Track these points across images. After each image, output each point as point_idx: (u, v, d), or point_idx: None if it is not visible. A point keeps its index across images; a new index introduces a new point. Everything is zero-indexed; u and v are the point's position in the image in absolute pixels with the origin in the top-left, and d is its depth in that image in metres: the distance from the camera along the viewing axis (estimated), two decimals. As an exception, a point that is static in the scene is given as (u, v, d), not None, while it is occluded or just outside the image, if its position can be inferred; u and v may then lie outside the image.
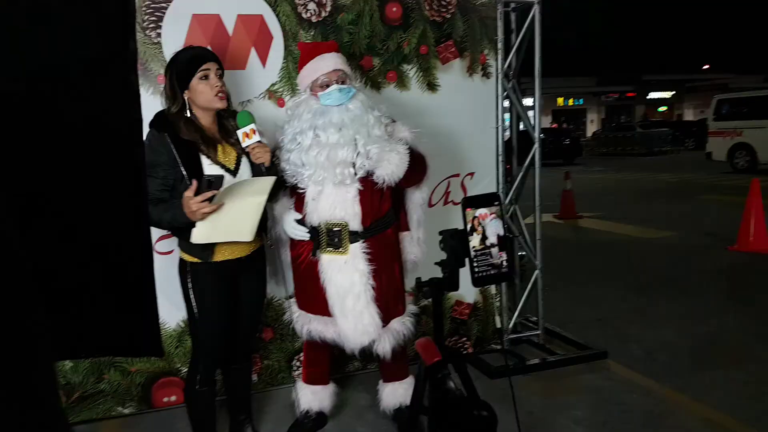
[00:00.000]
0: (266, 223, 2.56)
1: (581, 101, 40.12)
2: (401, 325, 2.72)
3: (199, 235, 2.30)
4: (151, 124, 2.37)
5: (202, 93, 2.38)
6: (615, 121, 36.57)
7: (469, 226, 1.59)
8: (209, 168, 2.37)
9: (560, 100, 39.27)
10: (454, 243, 1.61)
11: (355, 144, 2.50)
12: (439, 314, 1.77)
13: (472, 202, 1.63)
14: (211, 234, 2.31)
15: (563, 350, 3.92)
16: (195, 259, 2.43)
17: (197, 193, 2.21)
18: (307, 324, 2.73)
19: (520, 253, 4.19)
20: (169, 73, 2.41)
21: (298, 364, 3.35)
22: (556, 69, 27.37)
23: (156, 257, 2.91)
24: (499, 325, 2.06)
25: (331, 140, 2.49)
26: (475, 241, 1.59)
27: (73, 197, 0.84)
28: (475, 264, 1.59)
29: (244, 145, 2.40)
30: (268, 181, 2.36)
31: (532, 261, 3.97)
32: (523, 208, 4.07)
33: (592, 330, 4.26)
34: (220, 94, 2.39)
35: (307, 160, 2.51)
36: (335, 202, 2.54)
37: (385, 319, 2.66)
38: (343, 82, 2.58)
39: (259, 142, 2.40)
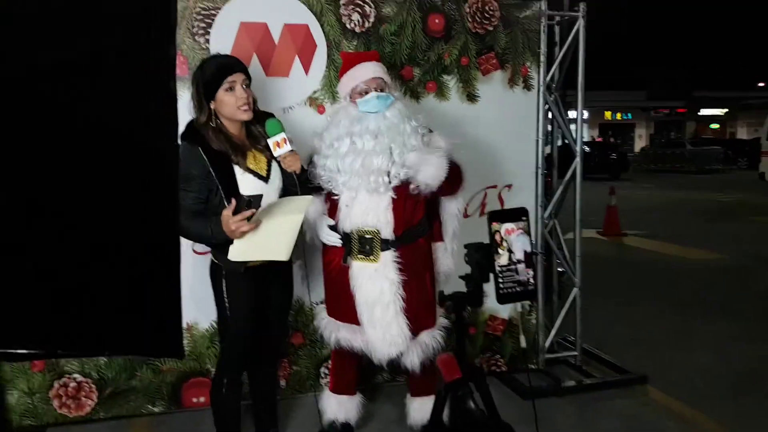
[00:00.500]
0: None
1: (629, 116, 39.26)
2: (431, 338, 2.68)
3: (237, 252, 2.32)
4: (183, 137, 2.36)
5: (228, 105, 2.37)
6: (664, 136, 35.64)
7: (495, 240, 1.56)
8: (242, 177, 2.38)
9: (608, 114, 38.52)
10: (479, 257, 1.58)
11: (390, 152, 2.49)
12: (461, 330, 1.74)
13: (499, 217, 1.59)
14: (249, 251, 2.33)
15: (601, 373, 3.81)
16: (226, 264, 2.45)
17: (236, 212, 2.23)
18: (335, 332, 2.71)
19: (559, 269, 4.12)
20: (195, 82, 2.40)
21: (326, 371, 3.35)
22: (604, 82, 26.88)
23: (193, 257, 3.00)
24: (523, 345, 2.01)
25: (366, 147, 2.50)
26: (501, 257, 1.56)
27: (109, 198, 0.86)
28: (500, 280, 1.56)
29: (276, 154, 2.41)
30: (305, 201, 2.38)
31: (571, 278, 3.89)
32: (564, 222, 3.99)
33: (631, 352, 4.13)
34: (244, 107, 2.38)
35: (342, 167, 2.52)
36: (368, 209, 2.54)
37: (415, 331, 2.63)
38: (381, 90, 2.59)
39: (291, 151, 2.41)
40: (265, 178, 2.45)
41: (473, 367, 1.77)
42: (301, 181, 2.48)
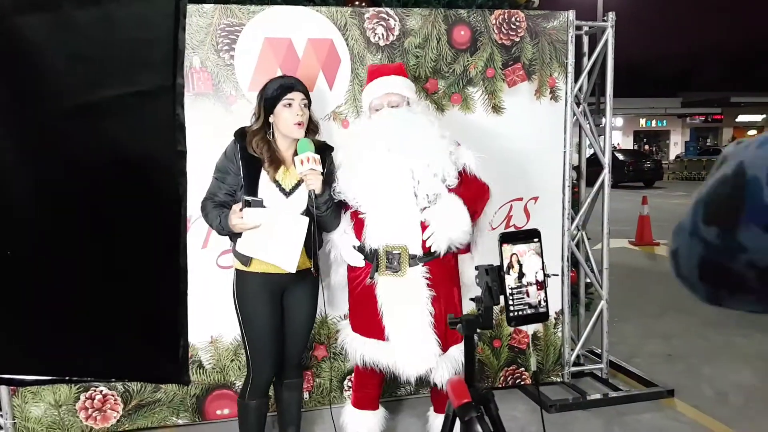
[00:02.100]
0: (314, 248, 2.60)
1: (664, 123, 38.51)
2: (460, 352, 2.61)
3: (242, 245, 2.49)
4: (234, 135, 2.60)
5: (284, 120, 2.53)
6: (700, 144, 34.85)
7: (506, 263, 1.54)
8: (264, 185, 2.52)
9: (642, 122, 37.85)
10: (489, 279, 1.56)
11: (411, 170, 2.47)
12: (470, 353, 1.72)
13: (510, 238, 1.58)
14: (252, 249, 2.48)
15: (628, 386, 3.75)
16: (239, 265, 2.57)
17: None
18: (360, 348, 2.66)
19: (586, 281, 4.06)
20: (259, 96, 2.59)
21: (349, 384, 3.36)
22: (637, 89, 26.45)
23: (217, 271, 3.04)
24: (533, 368, 1.98)
25: (382, 163, 2.49)
26: (511, 278, 1.54)
27: (114, 223, 0.88)
28: (510, 303, 1.54)
29: (298, 171, 2.48)
30: (302, 222, 2.47)
31: (598, 290, 3.83)
32: (593, 233, 3.93)
33: (661, 366, 4.05)
34: (298, 124, 2.52)
35: (364, 183, 2.52)
36: (395, 225, 2.51)
37: (444, 347, 2.59)
38: (396, 106, 2.58)
39: (312, 169, 2.46)
40: (287, 193, 2.54)
41: (483, 392, 1.74)
42: (317, 204, 2.51)
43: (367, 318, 2.63)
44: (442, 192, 2.51)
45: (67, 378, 0.98)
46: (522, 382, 3.69)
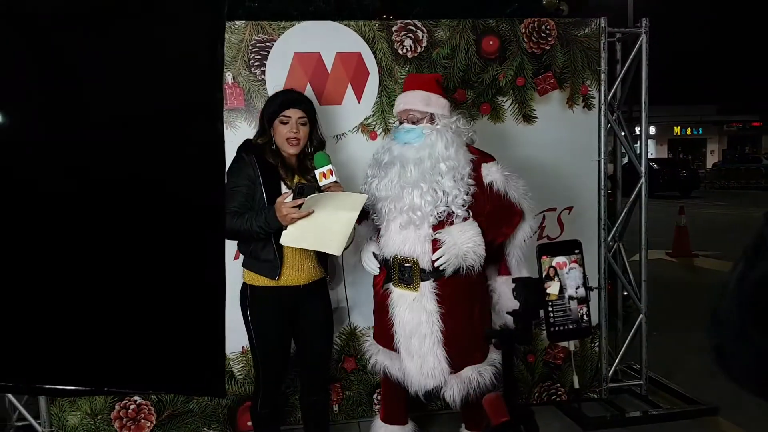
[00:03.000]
0: (326, 258, 2.65)
1: (700, 131, 37.70)
2: (475, 373, 2.57)
3: (289, 237, 2.41)
4: (240, 149, 2.60)
5: (279, 135, 2.56)
6: (738, 152, 34.00)
7: (545, 275, 1.49)
8: (286, 191, 2.52)
9: (677, 130, 37.13)
10: (527, 294, 1.51)
11: (421, 188, 2.46)
12: (509, 368, 1.66)
13: (549, 250, 1.52)
14: (300, 238, 2.41)
15: (668, 403, 3.62)
16: (256, 281, 2.54)
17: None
18: (375, 355, 2.72)
19: (624, 294, 3.95)
20: (262, 108, 2.67)
21: (379, 397, 3.31)
22: (673, 96, 25.95)
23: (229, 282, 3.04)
24: (577, 386, 1.92)
25: (395, 179, 2.51)
26: (552, 291, 1.49)
27: (151, 235, 0.87)
28: (551, 317, 1.48)
29: (321, 184, 2.47)
30: (360, 199, 2.44)
31: (636, 304, 3.72)
32: (630, 244, 3.83)
33: (703, 382, 3.89)
34: (293, 141, 2.53)
35: (379, 195, 2.56)
36: (406, 239, 2.52)
37: (458, 365, 2.55)
38: (415, 122, 2.56)
39: (335, 182, 2.47)
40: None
41: (522, 409, 1.69)
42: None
43: (382, 327, 2.66)
44: (457, 212, 2.48)
45: (105, 389, 0.97)
46: (557, 398, 3.60)
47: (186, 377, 0.91)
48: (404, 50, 3.24)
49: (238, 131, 3.10)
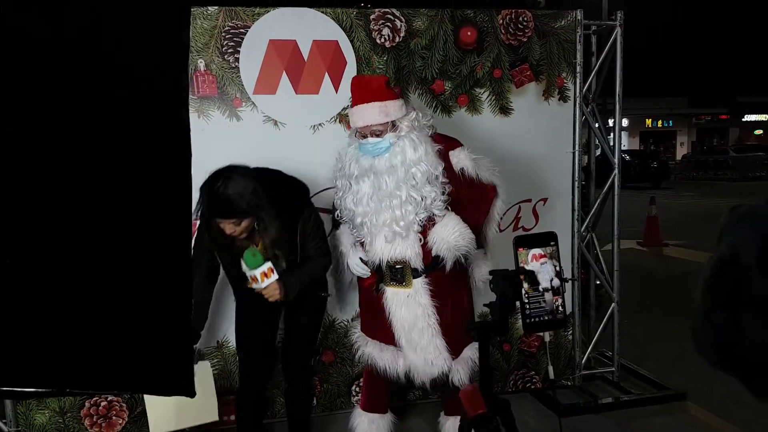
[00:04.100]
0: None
1: (671, 123, 38.33)
2: (474, 351, 2.64)
3: (156, 426, 2.42)
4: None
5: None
6: (707, 144, 34.69)
7: (521, 267, 1.50)
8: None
9: (648, 122, 37.69)
10: (504, 285, 1.52)
11: (400, 198, 2.46)
12: (486, 361, 1.68)
13: (526, 242, 1.53)
14: (170, 423, 2.43)
15: (639, 389, 3.69)
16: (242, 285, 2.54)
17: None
18: (363, 346, 2.75)
19: (596, 283, 4.02)
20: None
21: (357, 389, 3.32)
22: (644, 89, 26.30)
23: (223, 275, 3.01)
24: (552, 377, 1.94)
25: (369, 192, 2.50)
26: (527, 283, 1.50)
27: (117, 231, 0.85)
28: (526, 309, 1.50)
29: (262, 286, 2.39)
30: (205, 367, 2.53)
31: (609, 293, 3.78)
32: (602, 234, 3.89)
33: (673, 368, 3.98)
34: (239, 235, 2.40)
35: (357, 210, 2.54)
36: (395, 244, 2.54)
37: (458, 349, 2.64)
38: (379, 134, 2.52)
39: (267, 286, 2.39)
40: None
41: (499, 400, 1.71)
42: (289, 303, 2.52)
43: (374, 321, 2.69)
44: (437, 213, 2.51)
45: (67, 390, 0.95)
46: (532, 386, 3.65)
47: (152, 377, 0.89)
48: (382, 39, 3.22)
49: (210, 120, 3.05)
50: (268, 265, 2.38)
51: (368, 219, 2.51)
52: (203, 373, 2.48)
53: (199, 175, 2.48)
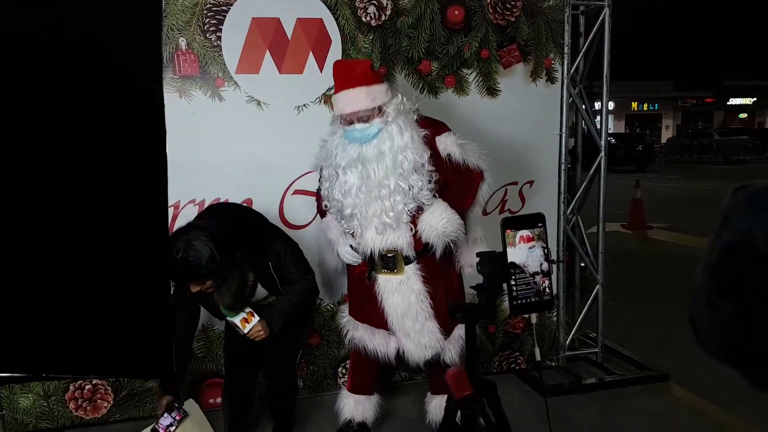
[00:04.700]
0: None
1: (656, 106, 38.52)
2: (463, 331, 2.67)
3: None
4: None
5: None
6: (692, 127, 34.94)
7: (509, 249, 1.48)
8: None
9: (634, 105, 37.84)
10: (491, 267, 1.50)
11: (389, 187, 2.43)
12: (472, 343, 1.67)
13: (513, 224, 1.51)
14: None
15: (623, 370, 3.73)
16: None
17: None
18: (353, 330, 2.74)
19: (581, 265, 4.03)
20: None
21: (343, 371, 3.32)
22: (630, 72, 26.35)
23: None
24: (538, 359, 1.94)
25: (357, 182, 2.46)
26: (515, 265, 1.48)
27: (96, 218, 0.82)
28: (514, 291, 1.49)
29: (245, 331, 2.42)
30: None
31: (593, 275, 3.80)
32: (588, 216, 3.89)
33: (656, 350, 4.03)
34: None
35: (346, 202, 2.51)
36: (386, 235, 2.51)
37: (449, 330, 2.65)
38: (366, 120, 2.46)
39: (251, 329, 2.42)
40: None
41: (485, 382, 1.70)
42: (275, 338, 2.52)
43: (364, 306, 2.68)
44: (425, 200, 2.49)
45: (43, 375, 0.92)
46: (517, 367, 3.67)
47: (132, 361, 0.87)
48: (368, 18, 3.16)
49: (192, 100, 2.99)
50: (247, 310, 2.42)
51: (358, 211, 2.49)
52: (192, 409, 2.51)
53: (179, 154, 2.43)
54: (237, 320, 2.41)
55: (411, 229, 2.51)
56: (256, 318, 2.42)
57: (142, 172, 0.87)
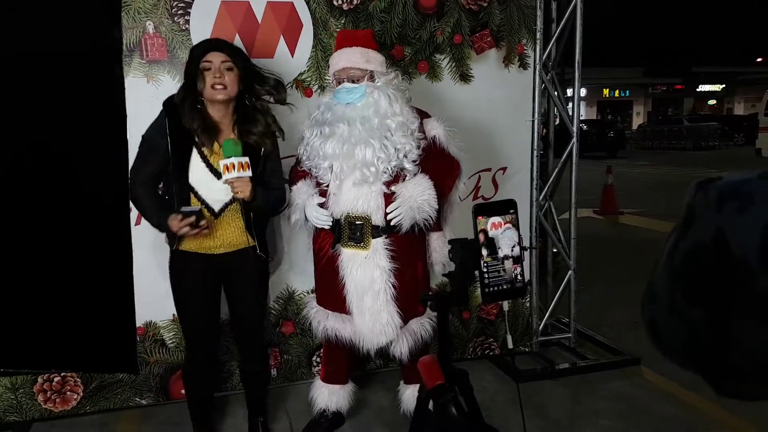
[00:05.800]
0: (252, 226, 2.48)
1: (627, 93, 38.97)
2: (419, 326, 2.65)
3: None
4: (164, 105, 2.40)
5: (204, 82, 2.37)
6: (662, 113, 35.45)
7: (481, 236, 1.47)
8: (195, 166, 2.36)
9: (606, 92, 38.22)
10: (464, 254, 1.49)
11: (373, 146, 2.40)
12: (445, 331, 1.66)
13: (485, 210, 1.50)
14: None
15: (595, 354, 3.78)
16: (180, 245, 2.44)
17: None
18: (324, 321, 2.67)
19: (553, 251, 4.06)
20: (186, 61, 2.45)
21: (318, 360, 3.30)
22: (601, 59, 26.56)
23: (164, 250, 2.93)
24: (510, 346, 1.94)
25: (344, 134, 2.43)
26: (486, 252, 1.47)
27: (57, 202, 0.78)
28: (485, 278, 1.48)
29: (223, 179, 2.31)
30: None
31: (565, 260, 3.83)
32: (559, 202, 3.92)
33: (628, 334, 4.09)
34: (218, 86, 2.36)
35: (324, 152, 2.46)
36: (358, 195, 2.47)
37: (405, 319, 2.59)
38: (356, 80, 2.48)
39: (238, 177, 2.30)
40: (219, 175, 2.36)
41: (457, 371, 1.69)
42: (251, 209, 2.41)
43: (330, 290, 2.61)
44: (408, 167, 2.47)
45: (1, 370, 0.89)
46: (491, 353, 3.69)
47: (97, 356, 0.84)
48: (340, 2, 3.11)
49: (161, 85, 2.90)
50: (246, 159, 2.32)
51: (337, 163, 2.44)
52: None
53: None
54: (235, 161, 2.27)
55: (385, 191, 2.46)
56: (249, 172, 2.31)
57: (102, 163, 0.83)
